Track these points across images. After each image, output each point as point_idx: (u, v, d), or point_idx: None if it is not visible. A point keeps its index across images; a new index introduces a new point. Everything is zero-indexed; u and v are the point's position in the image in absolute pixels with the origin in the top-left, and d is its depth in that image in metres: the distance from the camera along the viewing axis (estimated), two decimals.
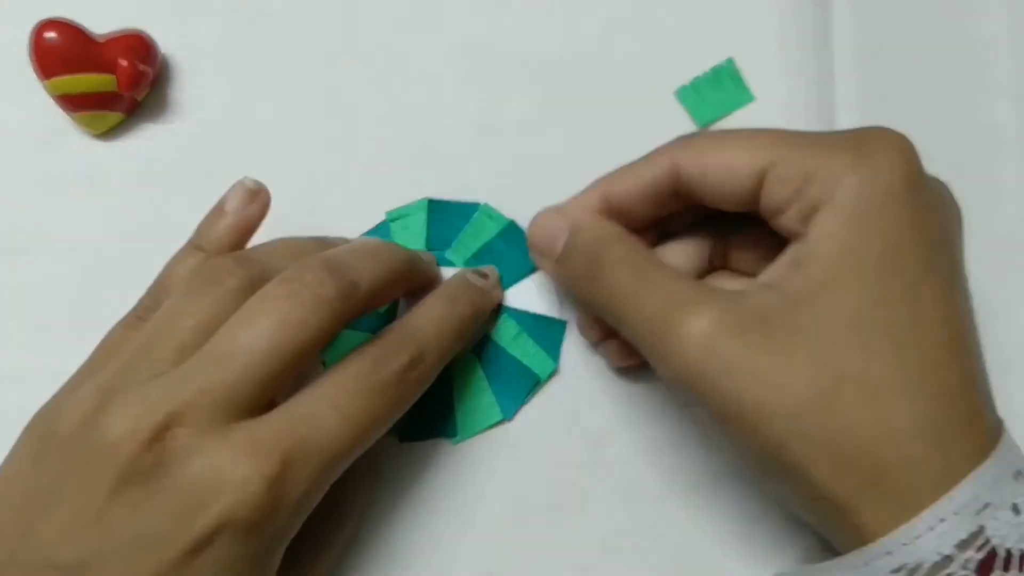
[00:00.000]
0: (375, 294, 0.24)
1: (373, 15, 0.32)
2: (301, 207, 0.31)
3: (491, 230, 0.30)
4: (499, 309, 0.30)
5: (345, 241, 0.28)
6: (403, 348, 0.24)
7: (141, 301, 0.26)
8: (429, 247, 0.30)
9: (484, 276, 0.29)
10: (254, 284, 0.23)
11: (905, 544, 0.19)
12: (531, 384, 0.29)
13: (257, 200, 0.26)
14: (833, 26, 0.32)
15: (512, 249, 0.30)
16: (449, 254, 0.30)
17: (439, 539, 0.28)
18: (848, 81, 0.31)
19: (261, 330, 0.22)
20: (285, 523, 0.21)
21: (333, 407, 0.22)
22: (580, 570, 0.28)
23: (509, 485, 0.29)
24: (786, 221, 0.23)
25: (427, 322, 0.25)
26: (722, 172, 0.23)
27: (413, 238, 0.30)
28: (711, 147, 0.24)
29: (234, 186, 0.26)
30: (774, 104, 0.31)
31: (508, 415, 0.29)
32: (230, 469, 0.20)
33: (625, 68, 0.32)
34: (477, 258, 0.30)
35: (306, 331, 0.22)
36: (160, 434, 0.20)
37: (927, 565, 0.19)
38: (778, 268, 0.23)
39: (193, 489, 0.20)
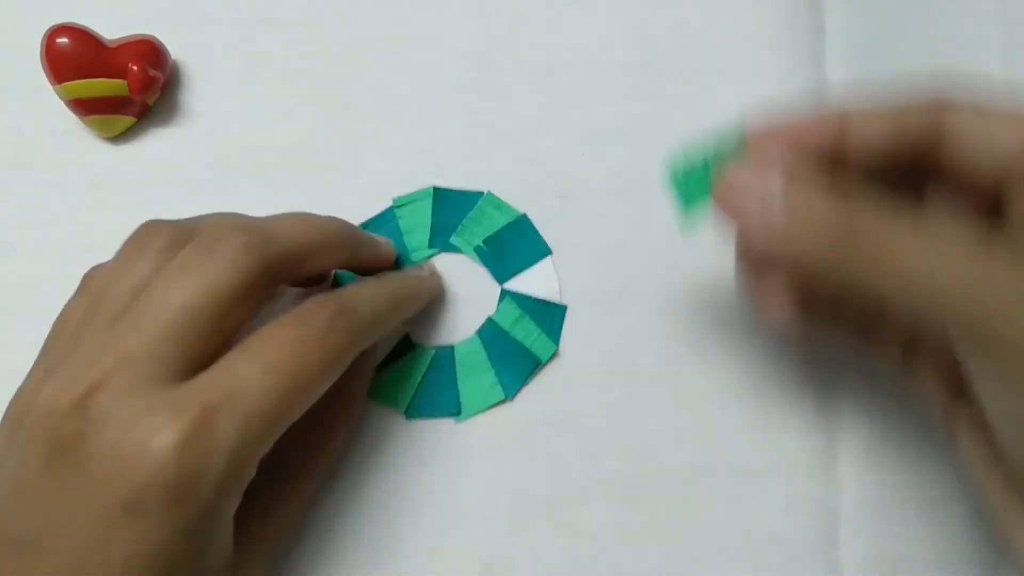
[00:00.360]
0: (298, 251, 0.24)
1: (379, 20, 0.33)
2: (307, 209, 0.31)
3: (498, 220, 0.31)
4: (501, 294, 0.31)
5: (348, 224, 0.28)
6: (329, 301, 0.24)
7: (89, 272, 0.26)
8: (434, 233, 0.31)
9: (420, 268, 0.30)
10: (182, 243, 0.23)
11: None
12: (532, 366, 0.30)
13: None
14: (826, 28, 0.32)
15: (519, 240, 0.31)
16: (455, 239, 0.31)
17: (438, 528, 0.29)
18: (840, 83, 0.32)
19: (176, 288, 0.22)
20: (219, 478, 0.21)
21: (258, 360, 0.22)
22: (579, 561, 0.29)
23: (509, 476, 0.29)
24: None
25: (358, 286, 0.26)
26: (987, 133, 0.20)
27: (419, 225, 0.31)
28: (978, 109, 0.21)
29: None
30: (769, 108, 0.32)
31: (510, 395, 0.30)
32: (147, 432, 0.20)
33: (625, 70, 0.33)
34: (486, 245, 0.31)
35: (219, 284, 0.22)
36: (82, 402, 0.21)
37: None
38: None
39: (114, 455, 0.20)
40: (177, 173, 0.32)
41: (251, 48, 0.33)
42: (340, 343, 0.23)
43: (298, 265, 0.24)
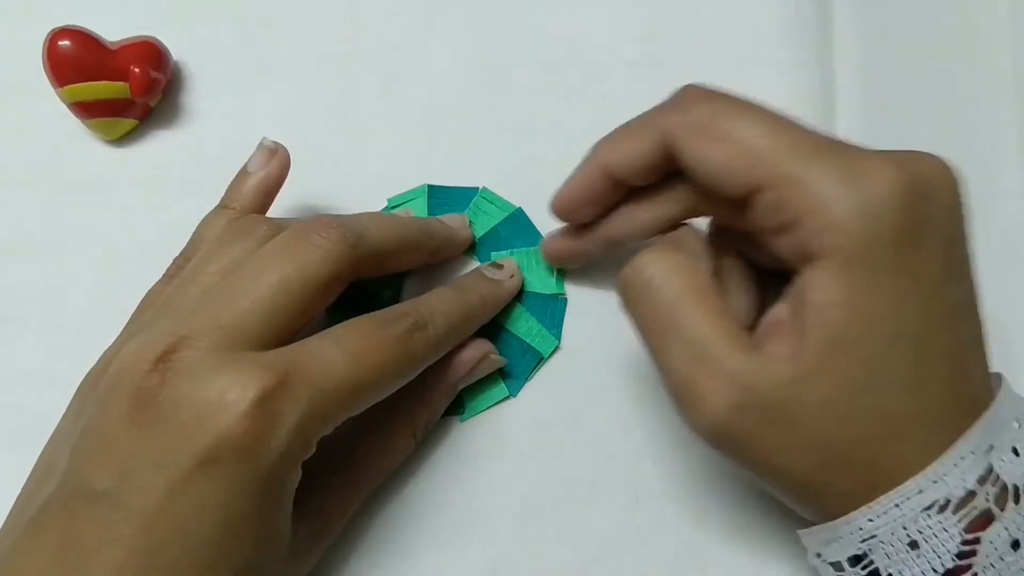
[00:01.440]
0: (384, 251, 0.26)
1: (380, 21, 0.33)
2: (310, 209, 0.31)
3: (494, 215, 0.31)
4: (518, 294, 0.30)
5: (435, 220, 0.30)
6: (408, 314, 0.25)
7: (175, 261, 0.27)
8: None
9: (499, 267, 0.30)
10: (278, 232, 0.24)
11: (935, 482, 0.20)
12: (535, 361, 0.30)
13: (276, 157, 0.28)
14: (834, 25, 0.32)
15: (515, 234, 0.31)
16: None
17: (444, 530, 0.29)
18: (849, 80, 0.32)
19: (270, 268, 0.23)
20: (284, 445, 0.21)
21: (339, 345, 0.23)
22: (585, 561, 0.29)
23: (514, 477, 0.29)
24: (777, 247, 0.22)
25: (435, 300, 0.27)
26: (714, 170, 0.22)
27: None
28: (708, 134, 0.22)
29: (255, 149, 0.28)
30: (776, 103, 0.32)
31: (514, 392, 0.30)
32: (227, 387, 0.21)
33: (628, 64, 0.32)
34: (482, 242, 0.31)
35: (311, 270, 0.23)
36: (167, 355, 0.21)
37: (955, 499, 0.20)
38: (787, 336, 0.21)
39: (194, 408, 0.21)
40: (179, 175, 0.32)
41: (252, 49, 0.33)
42: (415, 352, 0.25)
43: (383, 262, 0.26)
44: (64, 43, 0.30)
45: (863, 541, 0.21)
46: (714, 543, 0.29)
